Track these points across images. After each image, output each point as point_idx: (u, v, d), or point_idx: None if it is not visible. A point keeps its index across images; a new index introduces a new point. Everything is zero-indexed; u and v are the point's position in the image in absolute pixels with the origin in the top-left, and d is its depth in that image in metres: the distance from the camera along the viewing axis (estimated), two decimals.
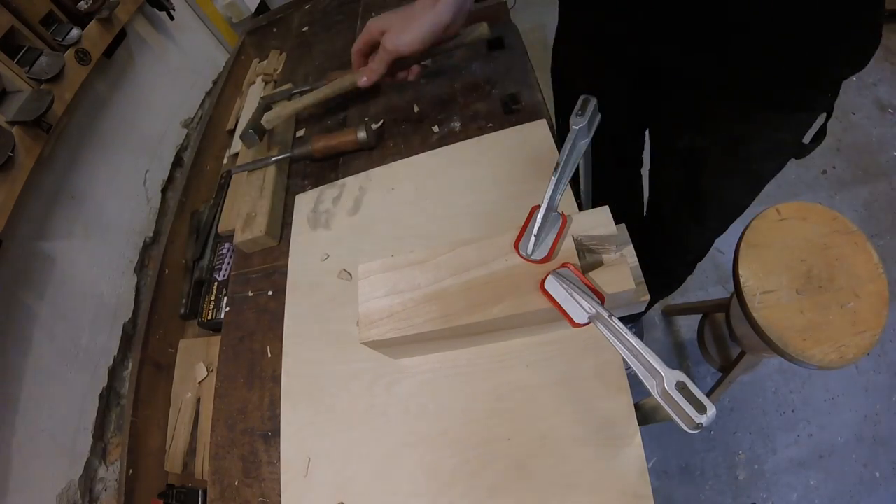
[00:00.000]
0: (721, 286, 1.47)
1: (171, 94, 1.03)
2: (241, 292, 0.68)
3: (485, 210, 0.57)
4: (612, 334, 0.32)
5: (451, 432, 0.45)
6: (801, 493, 1.15)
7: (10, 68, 0.65)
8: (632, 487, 0.38)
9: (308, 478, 0.49)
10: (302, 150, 0.75)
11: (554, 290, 0.37)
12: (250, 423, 0.57)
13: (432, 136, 0.69)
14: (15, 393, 0.61)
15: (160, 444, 0.68)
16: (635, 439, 0.40)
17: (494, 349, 0.47)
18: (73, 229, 0.75)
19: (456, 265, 0.42)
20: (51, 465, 0.62)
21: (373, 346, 0.44)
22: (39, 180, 0.70)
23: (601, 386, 0.43)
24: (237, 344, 0.64)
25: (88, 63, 0.76)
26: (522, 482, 0.41)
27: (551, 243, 0.40)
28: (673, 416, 0.28)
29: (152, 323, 0.75)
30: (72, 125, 0.78)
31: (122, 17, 0.87)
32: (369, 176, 0.67)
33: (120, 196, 0.85)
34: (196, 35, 1.15)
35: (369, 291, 0.44)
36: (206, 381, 0.69)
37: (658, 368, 0.29)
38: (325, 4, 1.13)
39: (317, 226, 0.66)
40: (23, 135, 0.63)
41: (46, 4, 0.74)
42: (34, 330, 0.65)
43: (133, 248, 0.85)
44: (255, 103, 0.97)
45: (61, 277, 0.71)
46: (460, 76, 0.74)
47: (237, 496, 0.53)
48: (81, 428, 0.68)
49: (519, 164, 0.59)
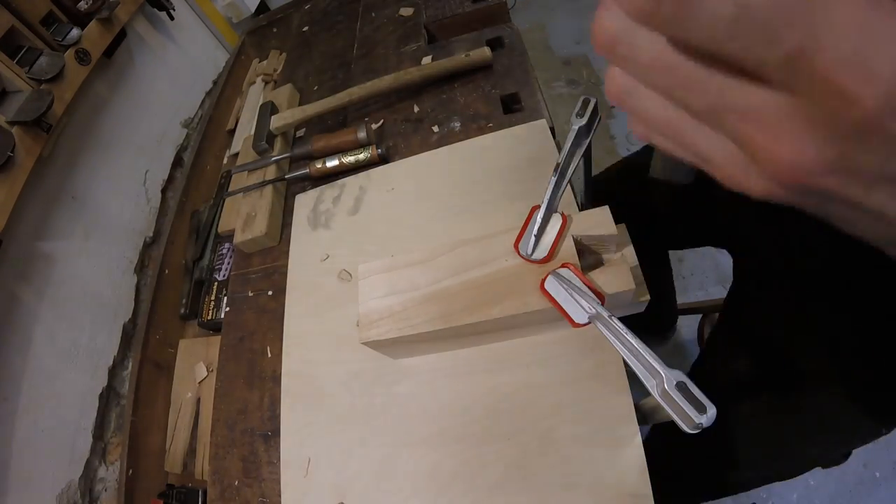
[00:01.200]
0: (721, 286, 1.47)
1: (171, 94, 1.03)
2: (241, 292, 0.68)
3: (485, 210, 0.57)
4: (612, 334, 0.32)
5: (451, 432, 0.45)
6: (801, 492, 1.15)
7: (10, 68, 0.65)
8: (632, 487, 0.38)
9: (308, 478, 0.49)
10: (302, 149, 0.75)
11: (554, 290, 0.37)
12: (250, 423, 0.57)
13: (432, 136, 0.69)
14: (15, 393, 0.61)
15: (160, 444, 0.68)
16: (635, 439, 0.40)
17: (494, 349, 0.47)
18: (73, 229, 0.75)
19: (456, 265, 0.42)
20: (51, 465, 0.62)
21: (373, 346, 0.44)
22: (39, 180, 0.70)
23: (601, 386, 0.43)
24: (237, 344, 0.64)
25: (88, 63, 0.76)
26: (522, 482, 0.41)
27: (551, 243, 0.40)
28: (673, 416, 0.28)
29: (152, 323, 0.75)
30: (72, 125, 0.78)
31: (122, 17, 0.87)
32: (369, 176, 0.67)
33: (120, 196, 0.85)
34: (196, 35, 1.15)
35: (369, 291, 0.44)
36: (206, 381, 0.69)
37: (658, 368, 0.29)
38: (325, 4, 1.13)
39: (317, 226, 0.66)
40: (23, 135, 0.63)
41: (46, 4, 0.74)
42: (34, 330, 0.65)
43: (133, 248, 0.85)
44: (255, 103, 0.97)
45: (61, 277, 0.71)
46: (460, 76, 0.74)
47: (237, 496, 0.53)
48: (81, 428, 0.68)
49: (519, 164, 0.59)
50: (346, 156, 0.69)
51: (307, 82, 0.93)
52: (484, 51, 0.71)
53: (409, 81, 0.73)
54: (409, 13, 0.91)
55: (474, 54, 0.71)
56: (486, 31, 0.79)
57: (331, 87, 0.88)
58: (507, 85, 0.70)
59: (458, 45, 0.79)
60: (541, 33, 2.20)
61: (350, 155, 0.69)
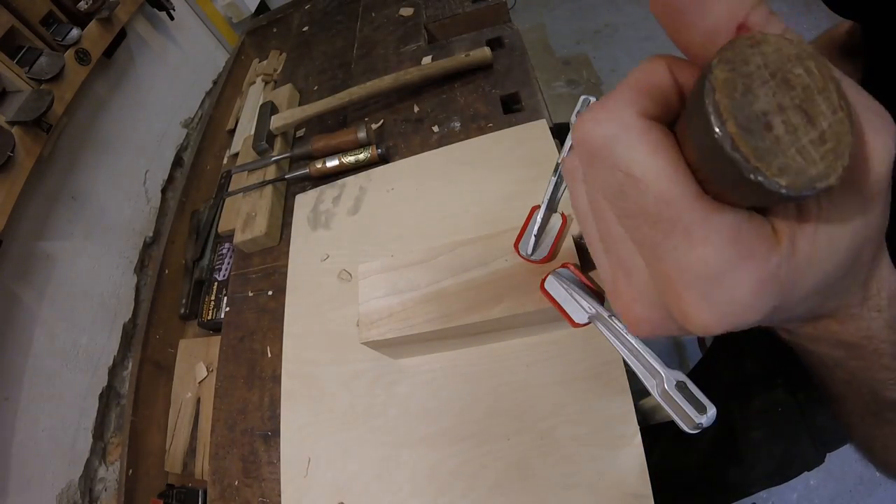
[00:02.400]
0: None
1: (171, 94, 1.03)
2: (241, 292, 0.68)
3: (485, 210, 0.57)
4: (612, 334, 0.32)
5: (451, 432, 0.45)
6: (801, 492, 1.15)
7: (10, 68, 0.65)
8: (632, 487, 0.38)
9: (308, 478, 0.49)
10: (302, 149, 0.75)
11: (554, 290, 0.37)
12: (250, 423, 0.57)
13: (432, 136, 0.69)
14: (15, 393, 0.61)
15: (160, 444, 0.68)
16: (635, 439, 0.40)
17: (494, 349, 0.47)
18: (73, 229, 0.75)
19: (456, 265, 0.42)
20: (51, 465, 0.62)
21: (373, 346, 0.44)
22: (39, 180, 0.70)
23: (601, 386, 0.43)
24: (237, 344, 0.64)
25: (88, 63, 0.76)
26: (522, 482, 0.41)
27: (551, 243, 0.40)
28: (673, 416, 0.28)
29: (152, 323, 0.75)
30: (72, 125, 0.78)
31: (122, 17, 0.87)
32: (369, 176, 0.67)
33: (120, 196, 0.85)
34: (196, 35, 1.15)
35: (369, 291, 0.44)
36: (206, 381, 0.69)
37: (658, 368, 0.29)
38: (325, 4, 1.13)
39: (317, 226, 0.66)
40: (23, 135, 0.63)
41: (46, 4, 0.74)
42: (34, 330, 0.65)
43: (133, 248, 0.85)
44: (255, 103, 0.97)
45: (61, 277, 0.71)
46: (460, 76, 0.74)
47: (237, 496, 0.53)
48: (81, 428, 0.68)
49: (519, 164, 0.59)
50: (346, 156, 0.69)
51: (307, 82, 0.93)
52: (484, 51, 0.71)
53: (409, 81, 0.73)
54: (409, 13, 0.91)
55: (474, 54, 0.71)
56: (486, 31, 0.79)
57: (331, 87, 0.88)
58: (507, 85, 0.70)
59: (458, 45, 0.79)
60: (541, 33, 2.20)
61: (350, 155, 0.69)
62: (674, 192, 0.16)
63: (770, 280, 0.16)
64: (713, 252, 0.16)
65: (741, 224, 0.16)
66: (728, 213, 0.16)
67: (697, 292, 0.17)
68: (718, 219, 0.16)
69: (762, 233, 0.16)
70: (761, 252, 0.16)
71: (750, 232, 0.16)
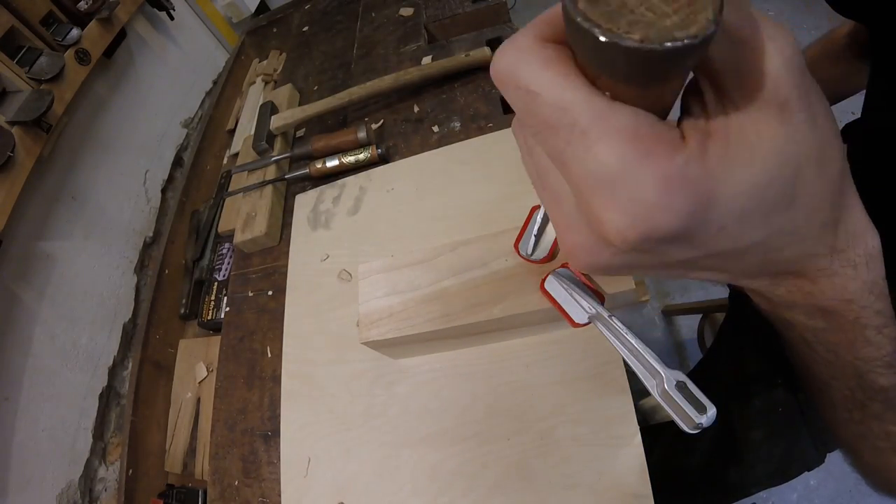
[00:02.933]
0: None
1: (171, 94, 1.03)
2: (241, 292, 0.68)
3: (485, 210, 0.57)
4: (612, 334, 0.32)
5: (451, 432, 0.45)
6: (801, 493, 1.15)
7: (10, 68, 0.65)
8: (632, 487, 0.38)
9: (308, 478, 0.49)
10: (302, 149, 0.75)
11: (554, 290, 0.37)
12: (250, 423, 0.57)
13: (432, 136, 0.69)
14: (15, 393, 0.61)
15: (160, 444, 0.68)
16: (635, 439, 0.40)
17: (494, 349, 0.47)
18: (73, 229, 0.75)
19: (456, 265, 0.42)
20: (51, 465, 0.62)
21: (373, 346, 0.44)
22: (39, 180, 0.70)
23: (601, 386, 0.43)
24: (237, 344, 0.64)
25: (88, 63, 0.76)
26: (522, 482, 0.41)
27: (551, 243, 0.40)
28: (673, 416, 0.28)
29: (152, 323, 0.75)
30: (72, 125, 0.78)
31: (122, 17, 0.87)
32: (369, 176, 0.67)
33: (120, 196, 0.85)
34: (196, 35, 1.15)
35: (369, 291, 0.44)
36: (206, 381, 0.69)
37: (658, 368, 0.29)
38: (325, 4, 1.13)
39: (317, 226, 0.66)
40: (23, 135, 0.63)
41: (46, 4, 0.74)
42: (34, 330, 0.65)
43: (133, 248, 0.85)
44: (255, 103, 0.97)
45: (61, 277, 0.71)
46: (460, 76, 0.74)
47: (237, 496, 0.53)
48: (81, 428, 0.68)
49: (519, 164, 0.59)
50: (346, 156, 0.69)
51: (307, 82, 0.93)
52: (484, 51, 0.71)
53: (409, 81, 0.73)
54: (409, 13, 0.91)
55: (474, 54, 0.71)
56: (486, 31, 0.79)
57: (331, 87, 0.88)
58: None
59: (458, 45, 0.79)
60: None
61: (350, 155, 0.69)
62: (567, 97, 0.16)
63: (678, 179, 0.16)
64: (610, 150, 0.16)
65: (640, 124, 0.16)
66: (624, 112, 0.16)
67: (604, 195, 0.17)
68: (614, 117, 0.16)
69: (665, 134, 0.16)
70: (662, 150, 0.16)
71: (650, 131, 0.16)
